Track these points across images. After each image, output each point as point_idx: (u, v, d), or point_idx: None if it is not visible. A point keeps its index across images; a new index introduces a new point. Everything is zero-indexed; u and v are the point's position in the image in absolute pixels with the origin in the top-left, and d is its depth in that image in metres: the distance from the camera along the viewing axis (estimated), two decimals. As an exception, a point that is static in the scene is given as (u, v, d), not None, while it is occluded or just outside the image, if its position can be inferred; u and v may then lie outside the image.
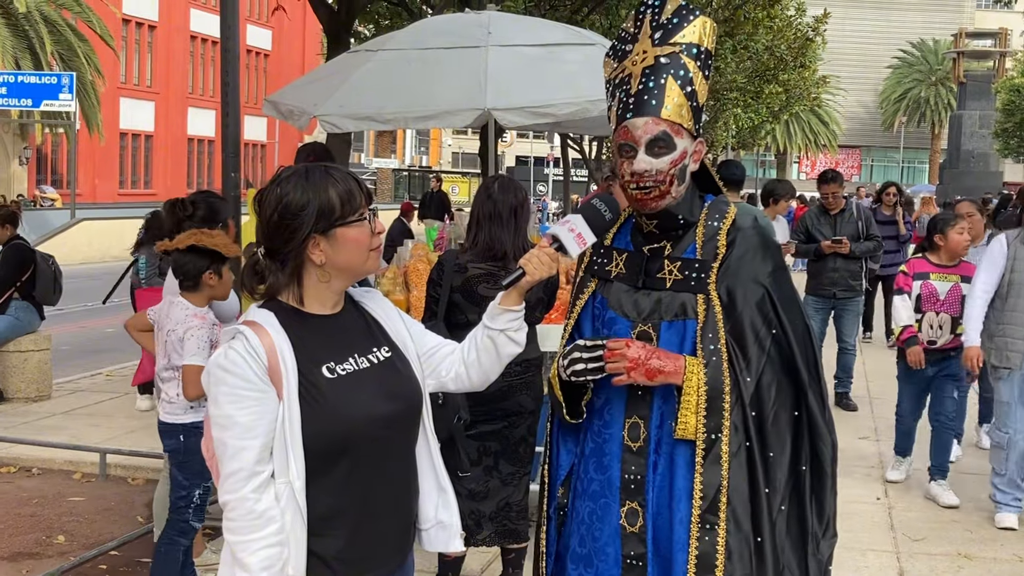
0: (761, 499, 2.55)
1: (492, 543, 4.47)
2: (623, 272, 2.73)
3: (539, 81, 6.89)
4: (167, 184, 42.40)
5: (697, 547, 2.51)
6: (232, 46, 5.76)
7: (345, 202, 2.27)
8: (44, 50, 30.86)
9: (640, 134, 2.60)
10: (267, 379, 2.20)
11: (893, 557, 5.48)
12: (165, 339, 4.40)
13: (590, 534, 2.67)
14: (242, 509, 2.17)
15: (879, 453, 7.49)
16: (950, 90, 64.98)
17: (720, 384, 2.53)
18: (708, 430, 2.53)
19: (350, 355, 2.33)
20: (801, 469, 2.62)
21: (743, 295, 2.60)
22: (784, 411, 2.60)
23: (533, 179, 58.41)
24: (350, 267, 2.32)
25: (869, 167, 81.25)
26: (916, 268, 6.46)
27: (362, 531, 2.31)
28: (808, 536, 2.63)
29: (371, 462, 2.30)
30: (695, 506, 2.52)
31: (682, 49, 2.63)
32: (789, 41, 25.87)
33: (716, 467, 2.52)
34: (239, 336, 2.23)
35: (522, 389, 4.34)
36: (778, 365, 2.60)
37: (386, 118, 7.19)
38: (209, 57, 46.75)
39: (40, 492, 6.57)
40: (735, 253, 2.64)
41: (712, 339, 2.56)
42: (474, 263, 4.31)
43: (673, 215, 2.68)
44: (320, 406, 2.23)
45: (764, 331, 2.60)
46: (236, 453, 2.18)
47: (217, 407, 2.20)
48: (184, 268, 4.35)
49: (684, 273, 2.65)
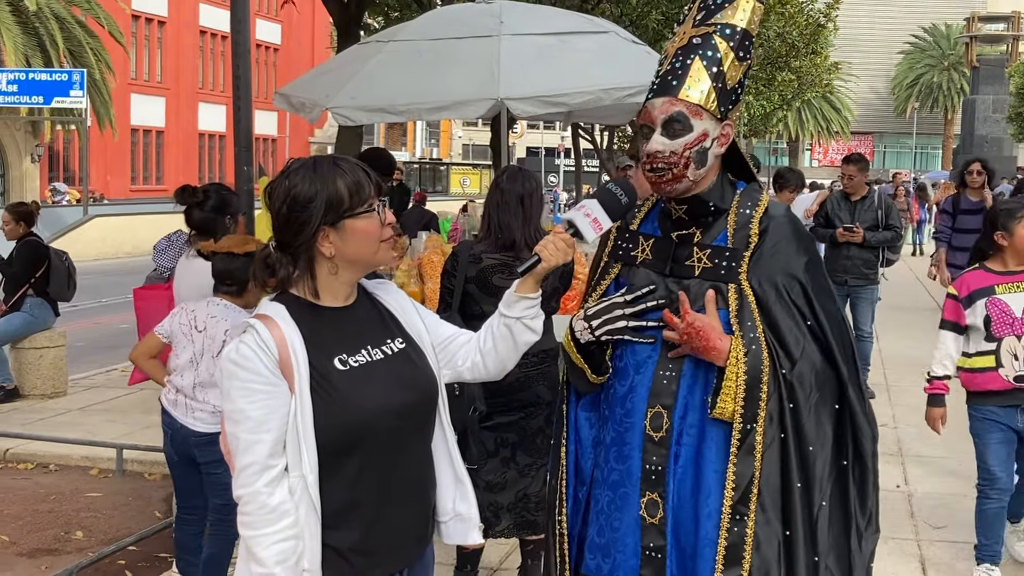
0: (793, 493, 2.49)
1: (511, 535, 4.45)
2: (649, 258, 2.67)
3: (552, 70, 6.86)
4: (179, 180, 42.36)
5: (727, 538, 2.46)
6: (243, 39, 5.74)
7: (354, 193, 2.26)
8: (55, 47, 30.92)
9: (657, 114, 2.55)
10: (278, 372, 2.19)
11: (914, 545, 5.45)
12: (206, 345, 4.34)
13: (609, 524, 2.63)
14: (256, 503, 2.16)
15: (898, 440, 7.44)
16: (963, 75, 64.70)
17: (759, 372, 2.47)
18: (744, 419, 2.47)
19: (363, 347, 2.32)
20: (843, 464, 2.56)
21: (777, 286, 2.54)
22: (824, 405, 2.53)
23: (544, 170, 58.36)
24: (360, 259, 2.30)
25: (882, 153, 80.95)
26: (972, 285, 4.80)
27: (378, 524, 2.29)
28: (851, 532, 2.57)
29: (385, 454, 2.29)
30: (727, 496, 2.47)
31: (716, 30, 2.57)
32: (801, 27, 25.70)
33: (749, 458, 2.47)
34: (250, 330, 2.22)
35: (539, 379, 4.31)
36: (816, 358, 2.53)
37: (399, 110, 7.16)
38: (219, 52, 46.80)
39: (57, 488, 6.58)
40: (768, 243, 2.57)
41: (750, 327, 2.50)
42: (488, 253, 4.29)
43: (704, 201, 2.61)
44: (332, 399, 2.22)
45: (800, 323, 2.53)
46: (249, 447, 2.17)
47: (230, 401, 2.20)
48: (235, 273, 4.33)
49: (714, 261, 2.58)
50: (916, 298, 16.13)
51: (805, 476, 2.50)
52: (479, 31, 7.13)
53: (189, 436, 4.37)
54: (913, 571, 5.11)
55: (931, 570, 5.13)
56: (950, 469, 6.78)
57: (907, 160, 77.54)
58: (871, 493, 2.61)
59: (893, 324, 12.69)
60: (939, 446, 7.32)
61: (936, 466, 6.82)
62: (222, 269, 4.38)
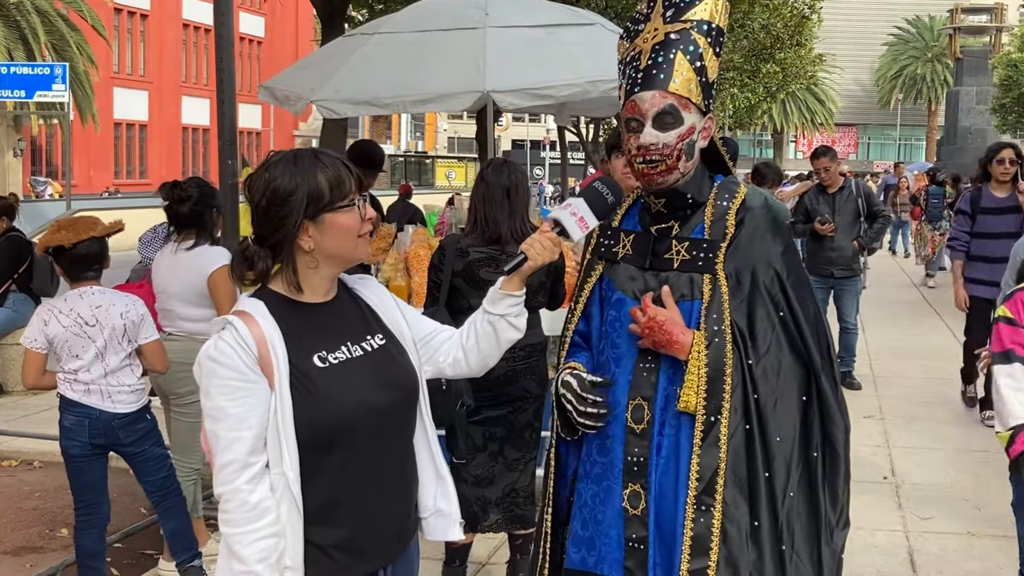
0: (760, 483, 2.52)
1: (499, 529, 4.44)
2: (630, 253, 2.70)
3: (538, 62, 6.82)
4: (162, 174, 42.27)
5: (692, 528, 2.49)
6: (226, 32, 5.68)
7: (334, 187, 2.25)
8: (37, 41, 30.72)
9: (647, 107, 2.57)
10: (257, 369, 2.18)
11: (903, 536, 5.45)
12: (107, 336, 4.33)
13: (593, 517, 2.65)
14: (236, 501, 2.16)
15: (884, 432, 7.45)
16: (946, 66, 64.93)
17: (722, 365, 2.50)
18: (707, 411, 2.50)
19: (343, 343, 2.31)
20: (812, 455, 2.58)
21: (752, 275, 2.57)
22: (791, 395, 2.56)
23: (530, 163, 58.25)
24: (339, 253, 2.29)
25: (866, 145, 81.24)
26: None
27: (361, 520, 2.29)
28: (822, 525, 2.59)
29: (367, 451, 2.28)
30: (691, 488, 2.49)
31: (692, 26, 2.60)
32: (785, 19, 25.75)
33: (714, 449, 2.49)
34: (228, 327, 2.21)
35: (527, 374, 4.30)
36: (786, 348, 2.56)
37: (384, 102, 7.11)
38: (202, 45, 46.59)
39: (42, 485, 6.53)
40: (744, 233, 2.60)
41: (716, 319, 2.53)
42: (475, 247, 4.27)
43: (682, 194, 2.65)
44: (312, 396, 2.21)
45: (772, 313, 2.56)
46: (229, 444, 2.16)
47: (209, 399, 2.19)
48: (102, 255, 4.41)
49: (692, 253, 2.61)
50: (902, 290, 16.18)
51: (770, 467, 2.53)
52: (464, 23, 7.09)
53: (111, 420, 4.35)
54: (901, 562, 5.11)
55: (919, 561, 5.13)
56: (938, 460, 6.79)
57: (891, 152, 77.79)
58: (842, 485, 2.63)
59: (879, 316, 12.73)
60: (926, 437, 7.35)
61: (923, 457, 6.83)
62: (90, 253, 4.32)
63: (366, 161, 6.45)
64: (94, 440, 4.37)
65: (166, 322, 4.88)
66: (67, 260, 4.31)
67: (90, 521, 4.47)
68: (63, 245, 4.27)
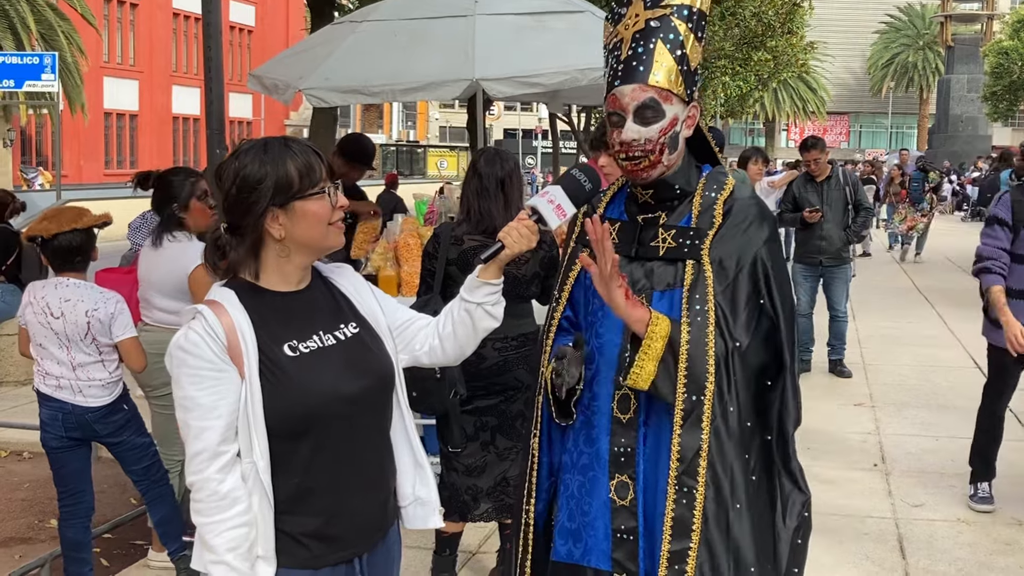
0: (742, 464, 2.51)
1: (489, 518, 4.44)
2: (616, 242, 2.66)
3: (528, 50, 6.80)
4: (153, 163, 42.05)
5: (674, 511, 2.47)
6: (215, 20, 5.67)
7: (304, 175, 2.24)
8: (26, 30, 30.55)
9: (627, 101, 2.54)
10: (227, 358, 2.18)
11: (892, 523, 5.46)
12: (70, 331, 4.29)
13: (579, 508, 2.63)
14: (207, 490, 2.16)
15: (875, 419, 7.46)
16: (938, 54, 65.00)
17: (703, 346, 2.47)
18: (689, 391, 2.47)
19: (314, 332, 2.31)
20: (767, 439, 2.57)
21: (737, 262, 2.55)
22: (761, 379, 2.55)
23: (522, 152, 58.24)
24: (309, 242, 2.28)
25: (858, 133, 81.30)
26: None
27: (335, 509, 2.29)
28: (776, 506, 2.58)
29: (339, 440, 2.28)
30: (672, 468, 2.47)
31: (673, 11, 2.56)
32: (777, 7, 25.74)
33: (696, 430, 2.47)
34: (198, 316, 2.21)
35: (519, 363, 4.29)
36: (762, 334, 2.55)
37: (373, 91, 7.09)
38: (192, 34, 46.37)
39: (32, 476, 6.51)
40: (731, 221, 2.58)
41: (699, 300, 2.51)
42: (470, 235, 4.26)
43: (669, 185, 2.62)
44: (282, 385, 2.21)
45: (754, 299, 2.55)
46: (199, 434, 2.17)
47: (180, 388, 2.19)
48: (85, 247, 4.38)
49: (678, 241, 2.59)
50: (892, 277, 16.21)
51: (746, 449, 2.52)
52: (454, 11, 7.07)
53: (85, 414, 4.33)
54: (891, 550, 5.12)
55: (909, 548, 5.14)
56: (928, 448, 6.81)
57: (882, 140, 77.92)
58: (796, 469, 2.61)
59: (869, 304, 12.76)
60: (916, 425, 7.37)
61: (914, 445, 6.84)
62: (72, 246, 4.27)
63: (360, 156, 6.43)
64: (70, 433, 4.35)
65: (145, 311, 4.84)
66: (49, 250, 4.29)
67: (74, 511, 4.46)
68: (42, 235, 4.25)
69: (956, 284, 14.56)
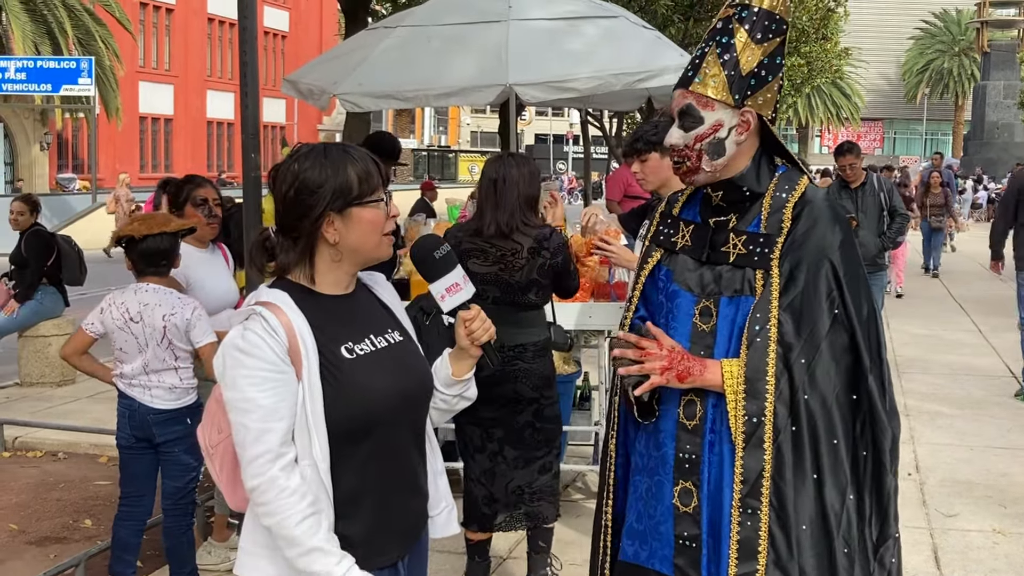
0: (808, 485, 2.44)
1: (509, 527, 4.42)
2: (688, 244, 2.65)
3: (561, 55, 6.81)
4: (187, 168, 42.39)
5: (739, 532, 2.43)
6: (250, 24, 5.68)
7: (363, 181, 2.24)
8: (64, 35, 30.90)
9: (675, 105, 2.57)
10: (287, 359, 2.16)
11: (927, 534, 5.41)
12: (147, 334, 4.27)
13: (647, 511, 2.62)
14: (275, 488, 2.13)
15: (909, 428, 7.39)
16: (973, 60, 64.34)
17: (763, 367, 2.43)
18: (749, 414, 2.44)
19: (367, 335, 2.31)
20: (862, 455, 2.50)
21: (806, 270, 2.49)
22: (844, 394, 2.48)
23: (553, 157, 58.22)
24: (362, 248, 2.28)
25: (892, 140, 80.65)
26: None
27: (382, 512, 2.29)
28: (866, 531, 2.51)
29: (390, 442, 2.29)
30: (736, 490, 2.44)
31: (735, 12, 2.55)
32: (811, 12, 25.55)
33: (759, 451, 2.43)
34: (255, 316, 2.19)
35: (516, 377, 4.25)
36: (838, 346, 2.47)
37: (406, 96, 7.10)
38: (227, 39, 46.72)
39: (66, 476, 6.57)
40: (801, 226, 2.52)
41: (760, 319, 2.46)
42: (468, 238, 4.30)
43: (737, 186, 2.59)
44: (343, 386, 2.20)
45: (827, 310, 2.48)
46: (260, 436, 2.14)
47: (236, 390, 2.15)
48: (170, 252, 4.34)
49: (748, 247, 2.55)
50: (928, 287, 16.06)
51: (819, 469, 2.45)
52: (487, 16, 7.07)
53: (148, 414, 4.34)
54: (926, 560, 5.07)
55: (944, 559, 5.09)
56: (963, 457, 6.74)
57: (917, 146, 77.23)
58: (888, 488, 2.53)
59: (905, 312, 12.65)
60: (951, 433, 7.29)
61: (948, 454, 6.77)
62: (159, 249, 4.29)
63: (384, 151, 6.43)
64: (135, 432, 4.39)
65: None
66: (135, 253, 4.33)
67: (131, 512, 4.50)
68: (133, 237, 4.29)
69: (991, 292, 14.40)
